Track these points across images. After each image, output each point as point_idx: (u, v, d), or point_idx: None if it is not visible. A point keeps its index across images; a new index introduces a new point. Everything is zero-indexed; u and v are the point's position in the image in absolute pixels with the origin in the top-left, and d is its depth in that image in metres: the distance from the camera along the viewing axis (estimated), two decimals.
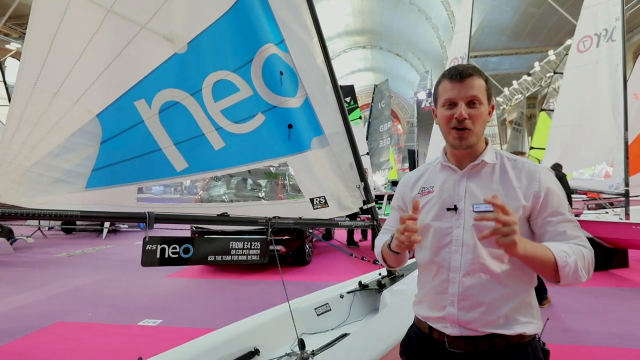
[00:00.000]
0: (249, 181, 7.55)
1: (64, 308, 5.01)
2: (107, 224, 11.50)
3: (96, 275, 6.78)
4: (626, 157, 6.87)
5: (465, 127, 1.23)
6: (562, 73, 8.95)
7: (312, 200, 2.63)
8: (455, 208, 1.27)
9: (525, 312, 1.24)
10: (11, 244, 8.08)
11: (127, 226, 12.82)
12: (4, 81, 13.63)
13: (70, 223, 11.77)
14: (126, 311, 4.89)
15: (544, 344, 1.36)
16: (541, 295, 4.67)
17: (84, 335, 4.10)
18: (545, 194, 1.21)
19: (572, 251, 1.15)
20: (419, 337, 1.38)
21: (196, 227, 5.65)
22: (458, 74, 1.24)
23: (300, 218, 2.54)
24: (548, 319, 5.10)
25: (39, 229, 11.61)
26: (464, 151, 1.29)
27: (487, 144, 1.32)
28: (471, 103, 1.23)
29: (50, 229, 12.31)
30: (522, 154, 5.03)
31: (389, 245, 1.31)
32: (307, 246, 7.38)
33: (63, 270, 7.19)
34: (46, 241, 10.59)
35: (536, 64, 25.22)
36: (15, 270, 7.13)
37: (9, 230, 9.23)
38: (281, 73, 2.42)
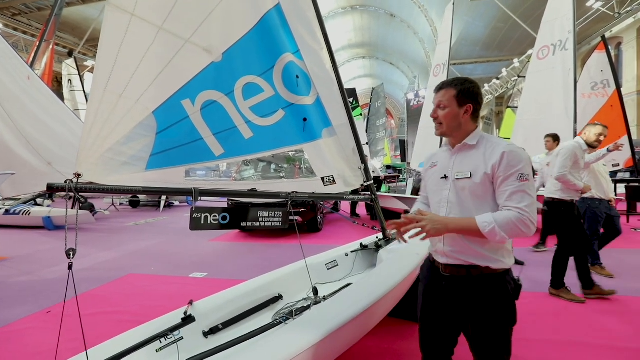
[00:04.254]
0: (272, 164, 7.54)
1: (133, 263, 5.13)
2: (163, 200, 11.67)
3: (156, 239, 6.91)
4: None
5: (438, 122, 1.46)
6: (524, 77, 8.73)
7: (322, 178, 2.61)
8: (446, 177, 1.46)
9: (495, 253, 1.35)
10: (93, 215, 8.27)
11: (178, 202, 12.98)
12: (84, 90, 13.73)
13: (135, 198, 12.02)
14: (179, 266, 4.98)
15: (518, 279, 1.41)
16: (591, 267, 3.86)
17: (149, 284, 4.20)
18: (500, 164, 1.32)
19: (493, 220, 1.26)
20: (427, 264, 1.59)
21: (231, 201, 5.70)
22: (437, 87, 1.47)
23: (313, 193, 2.54)
24: (524, 264, 4.88)
25: (113, 204, 11.84)
26: (453, 137, 1.47)
27: (472, 131, 1.44)
28: (440, 107, 1.44)
29: (121, 204, 12.53)
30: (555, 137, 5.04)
31: None
32: (319, 217, 7.36)
33: (131, 235, 7.34)
34: (118, 214, 10.80)
35: (503, 70, 24.64)
36: (97, 235, 7.31)
37: (91, 205, 9.45)
38: (297, 77, 2.37)
